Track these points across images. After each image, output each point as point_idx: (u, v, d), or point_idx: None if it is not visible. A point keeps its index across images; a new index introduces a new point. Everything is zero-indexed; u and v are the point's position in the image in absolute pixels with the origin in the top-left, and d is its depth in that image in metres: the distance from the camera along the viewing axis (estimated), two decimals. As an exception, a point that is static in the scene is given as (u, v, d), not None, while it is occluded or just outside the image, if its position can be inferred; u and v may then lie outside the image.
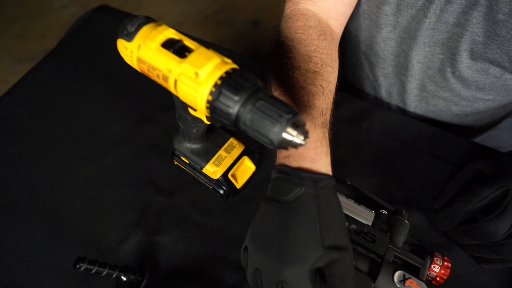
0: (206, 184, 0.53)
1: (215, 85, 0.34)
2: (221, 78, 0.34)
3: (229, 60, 0.36)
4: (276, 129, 0.32)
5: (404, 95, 0.70)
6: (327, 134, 0.42)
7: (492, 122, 0.74)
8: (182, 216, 0.53)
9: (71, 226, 0.52)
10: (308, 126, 0.41)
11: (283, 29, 0.50)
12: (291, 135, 0.32)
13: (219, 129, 0.53)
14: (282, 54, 0.47)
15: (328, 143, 0.42)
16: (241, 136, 0.54)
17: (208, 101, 0.35)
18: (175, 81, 0.36)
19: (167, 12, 1.81)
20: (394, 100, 0.73)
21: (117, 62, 0.50)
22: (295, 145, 0.33)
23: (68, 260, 0.49)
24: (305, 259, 0.35)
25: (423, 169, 0.56)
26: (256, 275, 0.38)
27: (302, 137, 0.33)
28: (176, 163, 0.55)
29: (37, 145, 0.60)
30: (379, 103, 0.76)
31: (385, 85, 0.72)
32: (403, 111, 0.73)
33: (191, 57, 0.36)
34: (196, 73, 0.35)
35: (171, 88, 0.38)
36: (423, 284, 0.41)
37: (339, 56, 0.52)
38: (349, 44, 0.73)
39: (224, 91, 0.34)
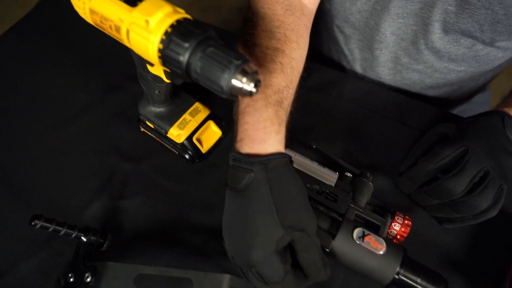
0: (172, 149, 0.53)
1: (166, 33, 0.34)
2: (172, 26, 0.34)
3: (182, 10, 0.36)
4: (225, 75, 0.32)
5: (378, 69, 0.70)
6: (281, 112, 0.41)
7: (465, 94, 0.74)
8: (148, 182, 0.52)
9: (33, 193, 0.51)
10: (260, 106, 0.40)
11: (252, 4, 0.49)
12: (241, 81, 0.32)
13: (184, 93, 0.53)
14: (246, 30, 0.46)
15: (280, 120, 0.41)
16: (208, 102, 0.53)
17: (159, 50, 0.34)
18: (127, 31, 0.36)
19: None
20: (369, 74, 0.73)
21: (84, 32, 0.50)
22: (246, 93, 0.33)
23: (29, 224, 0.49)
24: (268, 242, 0.36)
25: (390, 135, 0.56)
26: (234, 262, 0.39)
27: (252, 84, 0.33)
28: (142, 129, 0.55)
29: (0, 114, 0.58)
30: (354, 77, 0.76)
31: (360, 59, 0.72)
32: (378, 85, 0.73)
33: (141, 6, 0.35)
34: (147, 21, 0.34)
35: (124, 40, 0.37)
36: (382, 239, 0.41)
37: (311, 33, 0.50)
38: (323, 19, 0.72)
39: (174, 38, 0.33)
